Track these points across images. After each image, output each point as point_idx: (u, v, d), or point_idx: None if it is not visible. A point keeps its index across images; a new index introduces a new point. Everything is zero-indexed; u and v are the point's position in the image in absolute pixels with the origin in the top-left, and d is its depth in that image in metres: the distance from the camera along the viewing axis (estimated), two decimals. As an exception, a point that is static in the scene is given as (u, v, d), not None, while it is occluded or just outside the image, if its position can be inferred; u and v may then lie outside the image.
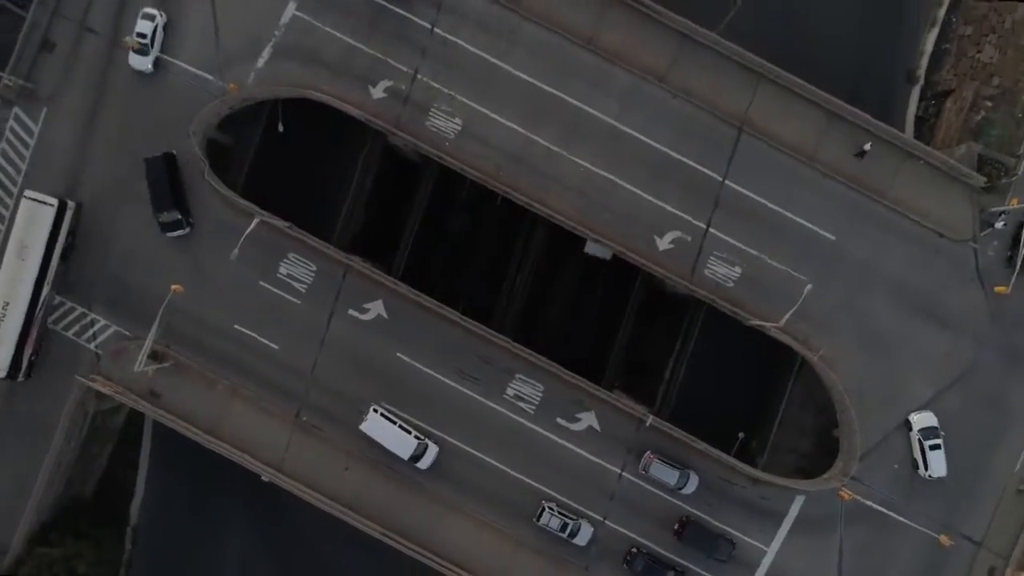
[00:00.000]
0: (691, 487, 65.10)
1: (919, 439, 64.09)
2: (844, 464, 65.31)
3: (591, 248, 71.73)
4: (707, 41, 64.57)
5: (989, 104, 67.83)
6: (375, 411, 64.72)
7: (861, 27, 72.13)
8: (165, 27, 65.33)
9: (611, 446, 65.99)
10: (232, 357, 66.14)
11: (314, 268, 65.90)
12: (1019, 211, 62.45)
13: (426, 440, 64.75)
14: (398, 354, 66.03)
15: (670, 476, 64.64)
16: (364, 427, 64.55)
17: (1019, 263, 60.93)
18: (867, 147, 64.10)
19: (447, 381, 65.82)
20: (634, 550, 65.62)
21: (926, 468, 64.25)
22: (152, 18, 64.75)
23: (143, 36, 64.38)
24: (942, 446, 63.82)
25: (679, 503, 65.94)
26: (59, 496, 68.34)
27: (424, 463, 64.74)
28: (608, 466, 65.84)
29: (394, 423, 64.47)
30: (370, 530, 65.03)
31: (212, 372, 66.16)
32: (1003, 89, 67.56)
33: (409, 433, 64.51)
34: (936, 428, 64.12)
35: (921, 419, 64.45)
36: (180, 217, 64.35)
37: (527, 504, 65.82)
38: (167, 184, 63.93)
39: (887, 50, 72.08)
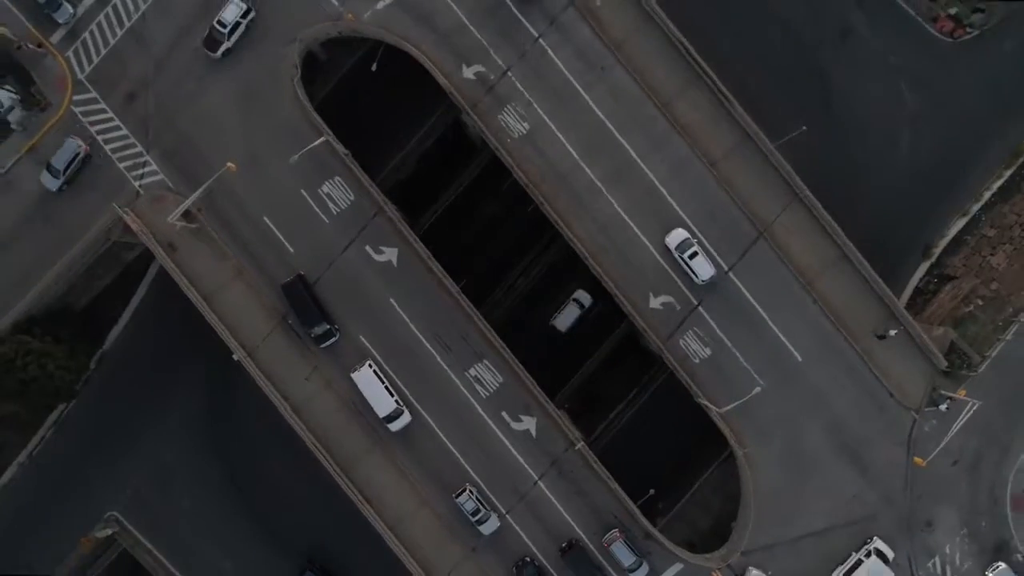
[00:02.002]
0: (643, 571, 70.90)
1: (679, 256, 69.68)
2: (727, 552, 71.41)
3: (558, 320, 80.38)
4: (763, 147, 70.57)
5: (980, 303, 73.89)
6: (369, 366, 70.52)
7: (903, 192, 77.47)
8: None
9: (538, 455, 71.97)
10: (250, 242, 71.99)
11: (352, 198, 71.81)
12: (964, 403, 68.49)
13: (402, 407, 70.48)
14: (391, 300, 71.99)
15: (627, 558, 70.33)
16: (355, 376, 70.37)
17: (942, 444, 67.01)
18: (892, 333, 70.04)
19: (423, 340, 71.79)
20: (527, 559, 71.43)
21: (697, 276, 69.75)
22: None
23: None
24: (699, 251, 69.48)
25: (575, 527, 71.99)
26: (55, 298, 74.18)
27: (395, 427, 70.62)
28: (529, 470, 71.83)
29: (383, 383, 70.26)
30: (304, 436, 71.03)
31: (228, 248, 72.09)
32: (997, 295, 73.63)
33: (392, 395, 70.22)
34: (688, 239, 69.77)
35: (672, 239, 70.18)
36: (329, 327, 70.28)
37: (449, 477, 71.77)
38: (309, 301, 69.99)
39: (916, 220, 77.51)
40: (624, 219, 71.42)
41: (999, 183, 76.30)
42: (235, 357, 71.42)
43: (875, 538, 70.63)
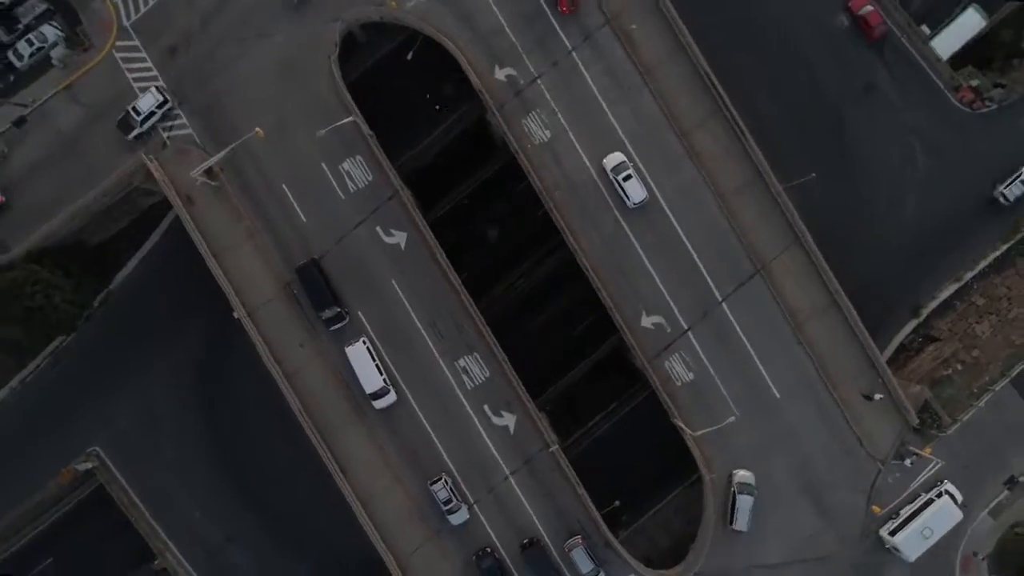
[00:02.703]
0: None
1: (614, 177, 71.93)
2: (682, 570, 73.56)
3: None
4: (772, 188, 72.81)
5: (959, 367, 76.20)
6: (363, 343, 72.68)
7: (902, 249, 79.41)
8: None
9: (513, 451, 74.07)
10: (266, 207, 74.11)
11: (370, 178, 73.89)
12: (928, 461, 70.80)
13: (389, 386, 72.58)
14: (393, 282, 74.10)
15: (585, 565, 72.36)
16: (348, 350, 72.52)
17: (901, 497, 69.35)
18: (877, 397, 72.67)
19: (418, 325, 73.91)
20: (488, 549, 73.42)
21: (629, 199, 71.81)
22: None
23: None
24: (633, 175, 71.79)
25: (539, 526, 74.06)
26: (70, 233, 76.14)
27: (379, 405, 72.71)
28: (502, 465, 73.94)
29: (374, 361, 72.34)
30: (291, 401, 73.12)
31: (244, 209, 74.10)
32: (977, 362, 75.98)
33: (381, 374, 72.24)
34: (624, 162, 72.18)
35: (609, 161, 72.46)
36: (339, 310, 72.55)
37: (425, 459, 73.81)
38: (322, 285, 72.36)
39: (910, 279, 79.33)
40: (629, 237, 73.50)
41: (995, 255, 78.42)
42: (236, 315, 73.43)
43: (945, 480, 72.69)
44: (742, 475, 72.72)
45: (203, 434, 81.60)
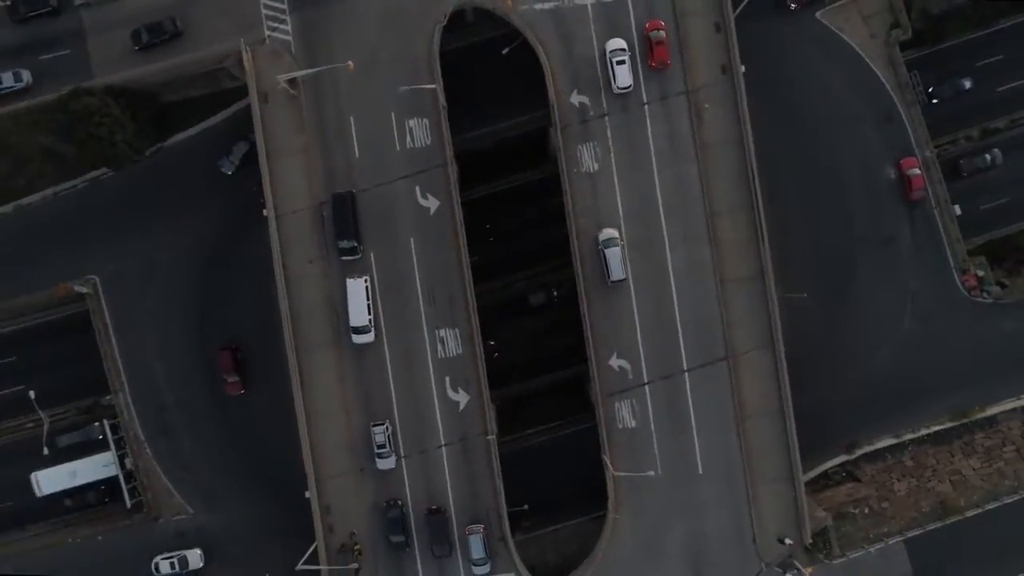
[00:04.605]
0: (484, 569, 78.55)
1: (610, 59, 77.62)
2: (557, 588, 79.67)
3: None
4: (768, 291, 78.78)
5: (866, 511, 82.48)
6: (364, 281, 78.50)
7: (860, 391, 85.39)
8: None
9: (455, 427, 79.83)
10: (328, 130, 79.65)
11: (428, 142, 79.56)
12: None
13: (372, 327, 78.28)
14: (411, 240, 79.90)
15: (477, 551, 78.07)
16: (349, 282, 78.25)
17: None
18: (788, 542, 78.35)
19: (417, 285, 79.62)
20: (398, 501, 79.16)
21: (615, 81, 77.37)
22: None
23: None
24: (627, 62, 77.43)
25: (451, 501, 79.83)
26: (152, 84, 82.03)
27: (357, 340, 78.42)
28: (441, 434, 79.74)
29: (367, 300, 78.10)
30: (282, 303, 78.69)
31: (308, 125, 79.60)
32: (882, 513, 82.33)
33: (368, 314, 78.00)
34: (624, 48, 77.83)
35: (611, 44, 78.00)
36: (356, 245, 78.25)
37: (376, 402, 79.57)
38: (349, 217, 78.02)
39: (856, 419, 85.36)
40: (628, 283, 79.38)
41: (936, 428, 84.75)
42: (264, 212, 79.16)
43: None
44: (605, 232, 77.92)
45: (191, 305, 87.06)
